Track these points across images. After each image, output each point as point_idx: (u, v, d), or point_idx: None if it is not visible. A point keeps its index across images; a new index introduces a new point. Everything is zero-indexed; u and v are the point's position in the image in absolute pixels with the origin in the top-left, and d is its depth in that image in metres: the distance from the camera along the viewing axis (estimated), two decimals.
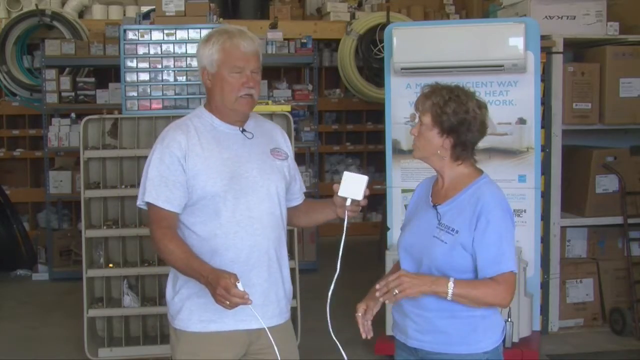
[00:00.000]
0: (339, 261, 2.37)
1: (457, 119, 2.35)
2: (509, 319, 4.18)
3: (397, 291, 2.24)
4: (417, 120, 2.44)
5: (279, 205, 2.55)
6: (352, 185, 2.38)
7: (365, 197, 2.39)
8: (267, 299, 2.50)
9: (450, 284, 2.26)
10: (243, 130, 2.54)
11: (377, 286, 2.30)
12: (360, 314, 2.39)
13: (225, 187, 2.43)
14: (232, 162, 2.47)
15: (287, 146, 2.68)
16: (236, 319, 2.44)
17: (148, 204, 2.46)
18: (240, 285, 2.22)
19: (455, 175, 2.43)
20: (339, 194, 2.40)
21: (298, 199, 2.72)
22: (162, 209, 2.43)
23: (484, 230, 2.30)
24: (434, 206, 2.43)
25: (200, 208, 2.45)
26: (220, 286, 2.22)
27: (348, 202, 2.40)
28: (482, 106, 2.40)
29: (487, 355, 2.38)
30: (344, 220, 2.44)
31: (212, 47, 2.47)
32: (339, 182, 2.41)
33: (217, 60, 2.46)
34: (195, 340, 2.48)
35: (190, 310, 2.48)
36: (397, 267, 2.60)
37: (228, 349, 2.49)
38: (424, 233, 2.42)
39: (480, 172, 2.46)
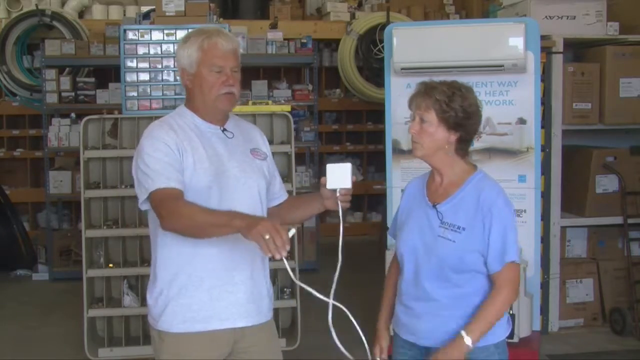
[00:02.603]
0: (339, 252, 2.30)
1: (464, 113, 2.39)
2: (511, 311, 4.16)
3: None
4: (415, 118, 2.43)
5: (261, 203, 2.55)
6: (338, 176, 2.38)
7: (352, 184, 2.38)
8: (250, 298, 2.51)
9: (467, 338, 2.30)
10: (224, 130, 2.54)
11: None
12: (379, 358, 2.51)
13: (210, 184, 2.43)
14: (216, 159, 2.47)
15: (266, 147, 2.69)
16: (221, 318, 2.45)
17: (154, 192, 2.36)
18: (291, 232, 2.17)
19: (455, 172, 2.44)
20: (328, 186, 2.40)
21: (280, 197, 2.73)
22: (175, 189, 2.36)
23: (490, 224, 2.34)
24: (434, 206, 2.44)
25: None
26: (268, 224, 2.13)
27: (338, 193, 2.41)
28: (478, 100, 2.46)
29: (496, 348, 2.43)
30: (338, 212, 2.42)
31: (190, 47, 2.47)
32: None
33: (196, 60, 2.46)
34: (180, 340, 2.47)
35: (174, 311, 2.46)
36: (396, 267, 2.59)
37: (213, 348, 2.48)
38: (427, 233, 2.43)
39: (475, 167, 2.49)
